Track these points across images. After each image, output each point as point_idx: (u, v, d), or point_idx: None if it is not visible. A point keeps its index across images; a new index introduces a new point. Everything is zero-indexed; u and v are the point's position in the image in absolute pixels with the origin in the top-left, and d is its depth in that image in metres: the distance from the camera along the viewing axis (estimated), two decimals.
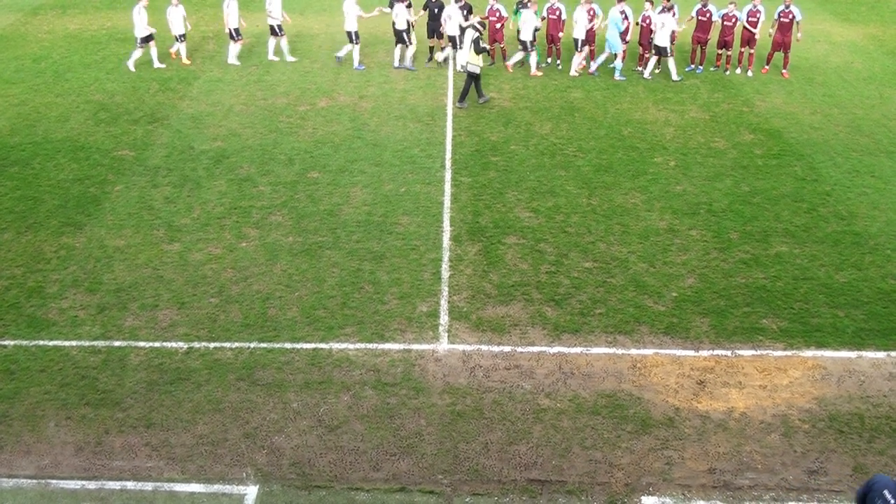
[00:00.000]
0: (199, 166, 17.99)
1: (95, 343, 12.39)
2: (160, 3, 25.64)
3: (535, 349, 12.41)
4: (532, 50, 23.48)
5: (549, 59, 24.41)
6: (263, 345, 12.41)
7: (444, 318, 13.04)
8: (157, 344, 12.41)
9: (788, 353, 12.41)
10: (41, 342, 12.44)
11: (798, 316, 13.22)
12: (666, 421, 11.05)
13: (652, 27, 23.01)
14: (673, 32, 22.76)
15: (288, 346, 12.40)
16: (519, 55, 23.77)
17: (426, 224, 15.77)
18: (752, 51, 23.72)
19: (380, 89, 22.44)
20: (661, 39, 22.73)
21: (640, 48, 23.81)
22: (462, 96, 21.21)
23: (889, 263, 14.65)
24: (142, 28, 23.30)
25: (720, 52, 23.97)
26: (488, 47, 20.94)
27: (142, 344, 12.40)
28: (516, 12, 23.97)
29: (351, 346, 12.38)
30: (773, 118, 20.88)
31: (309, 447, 10.56)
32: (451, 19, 23.11)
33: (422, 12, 24.14)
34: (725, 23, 23.25)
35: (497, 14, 23.51)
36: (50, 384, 11.58)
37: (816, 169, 18.20)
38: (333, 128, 19.97)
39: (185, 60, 24.29)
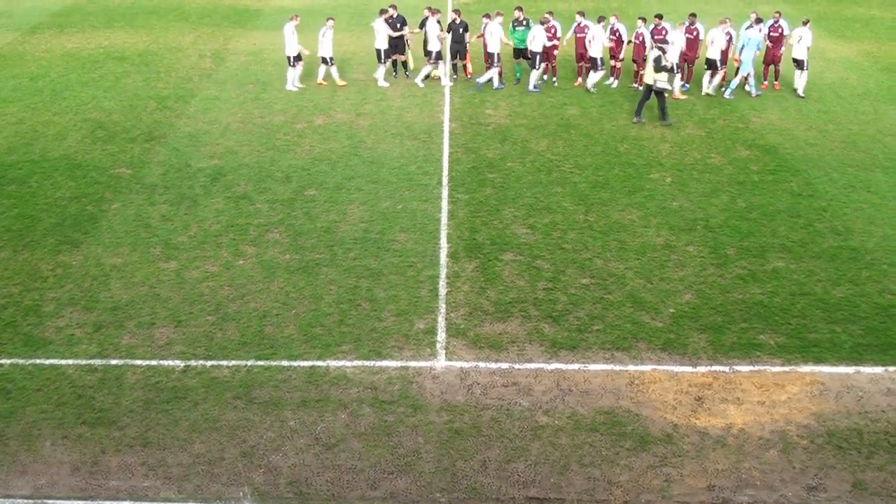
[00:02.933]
0: (195, 184, 18.00)
1: (92, 362, 12.36)
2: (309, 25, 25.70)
3: (533, 366, 12.39)
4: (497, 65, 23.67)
5: (546, 77, 24.49)
6: (260, 363, 12.38)
7: (441, 335, 13.03)
8: (153, 362, 12.37)
9: (786, 368, 12.40)
10: (38, 361, 12.40)
11: (795, 331, 13.22)
12: (664, 438, 11.02)
13: (623, 39, 23.21)
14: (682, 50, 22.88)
15: (285, 363, 12.37)
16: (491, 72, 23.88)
17: (423, 241, 15.78)
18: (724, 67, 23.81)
19: (377, 107, 22.51)
20: (674, 56, 22.79)
21: (635, 65, 23.90)
22: (662, 115, 21.40)
23: (886, 278, 14.66)
24: (293, 47, 23.36)
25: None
26: (669, 65, 21.08)
27: (138, 362, 12.37)
28: (513, 31, 24.07)
29: (348, 364, 12.35)
30: (768, 134, 20.96)
31: (306, 466, 10.52)
32: (493, 35, 23.30)
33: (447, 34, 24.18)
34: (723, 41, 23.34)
35: (553, 31, 23.45)
36: (46, 403, 11.54)
37: (812, 184, 18.25)
38: (330, 145, 20.01)
39: (339, 82, 24.19)
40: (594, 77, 23.58)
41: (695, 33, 23.26)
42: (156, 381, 11.96)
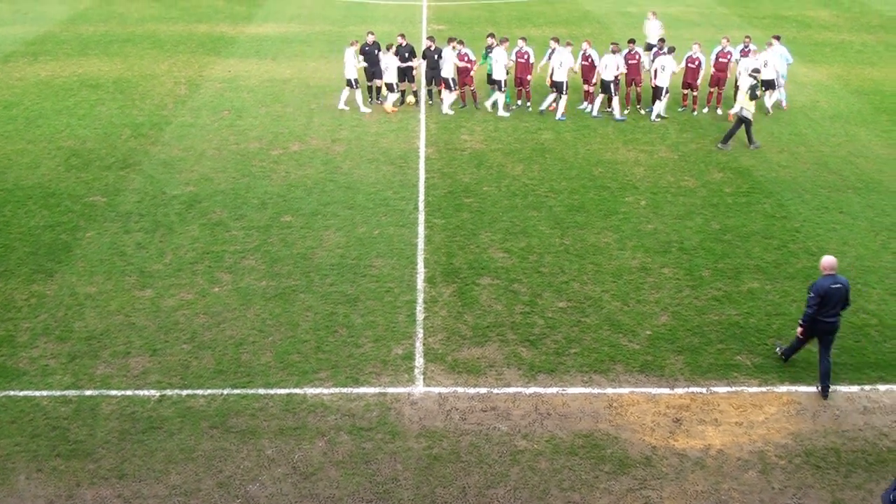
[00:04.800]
0: (171, 211, 17.91)
1: (66, 392, 12.21)
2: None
3: (512, 390, 12.38)
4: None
5: (519, 102, 24.66)
6: (237, 391, 12.28)
7: (419, 361, 13.00)
8: (128, 392, 12.24)
9: (763, 389, 12.48)
10: (11, 392, 12.23)
11: (771, 351, 13.30)
12: (643, 460, 11.03)
13: (595, 65, 23.42)
14: (672, 73, 23.12)
15: (262, 391, 12.28)
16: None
17: (400, 266, 15.77)
18: (720, 90, 24.16)
19: (352, 133, 22.55)
20: (662, 80, 23.05)
21: (585, 85, 24.12)
22: (726, 138, 21.60)
23: (860, 298, 14.81)
24: (351, 69, 23.51)
25: (685, 92, 24.35)
26: (758, 94, 21.50)
27: (113, 392, 12.23)
28: (485, 56, 24.25)
29: (325, 391, 12.28)
30: (741, 157, 21.19)
31: (284, 495, 10.42)
32: (498, 61, 23.45)
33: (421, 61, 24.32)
34: (689, 65, 23.64)
35: (526, 56, 23.63)
36: (20, 436, 11.37)
37: (785, 206, 18.46)
38: (306, 171, 20.00)
39: (391, 108, 24.19)
40: (550, 99, 23.82)
41: (637, 57, 23.58)
42: (131, 412, 11.83)
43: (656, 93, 23.43)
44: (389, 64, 23.52)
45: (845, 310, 12.42)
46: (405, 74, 24.14)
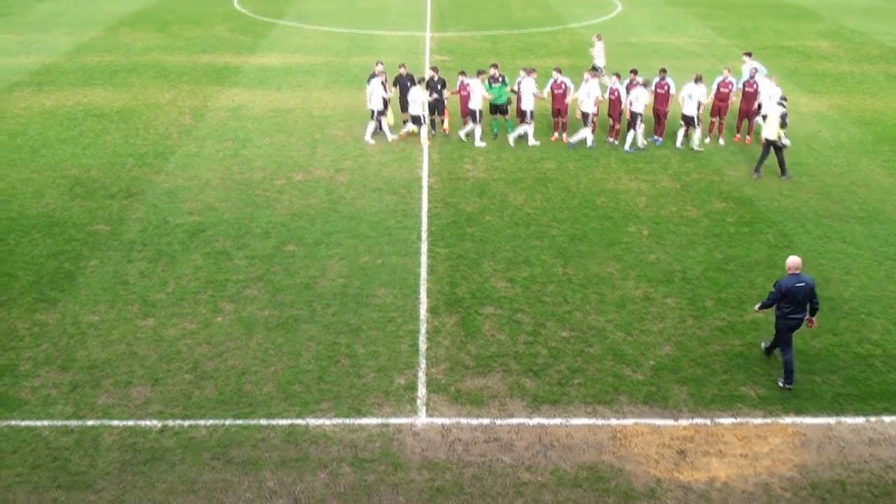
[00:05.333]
0: (174, 240, 17.94)
1: (68, 422, 12.16)
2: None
3: (515, 421, 12.32)
4: (424, 123, 23.87)
5: (556, 133, 24.68)
6: (238, 422, 12.23)
7: (421, 391, 12.95)
8: (130, 422, 12.19)
9: (768, 420, 12.40)
10: (13, 422, 12.18)
11: (776, 383, 13.24)
12: (648, 493, 10.94)
13: (621, 99, 23.49)
14: (699, 103, 23.20)
15: (263, 422, 12.23)
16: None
17: (403, 296, 15.76)
18: (722, 120, 24.27)
19: (356, 162, 22.63)
20: (689, 109, 23.16)
21: (611, 119, 24.21)
22: (758, 166, 21.80)
23: (864, 328, 14.78)
24: (378, 101, 23.63)
25: (714, 120, 24.46)
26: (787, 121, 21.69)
27: (115, 423, 12.18)
28: (489, 87, 24.37)
29: (328, 422, 12.23)
30: (743, 186, 21.24)
31: None
32: (526, 91, 23.61)
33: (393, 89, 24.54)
34: (722, 89, 23.80)
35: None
36: (21, 466, 11.32)
37: (788, 236, 18.46)
38: (310, 201, 20.06)
39: (390, 136, 24.34)
40: (582, 133, 23.93)
41: (665, 88, 23.65)
42: (132, 442, 11.77)
43: (633, 119, 23.52)
44: (417, 97, 23.53)
45: (816, 310, 13.16)
46: (435, 107, 24.29)
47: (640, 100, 23.04)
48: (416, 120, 23.82)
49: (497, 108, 24.29)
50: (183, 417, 12.31)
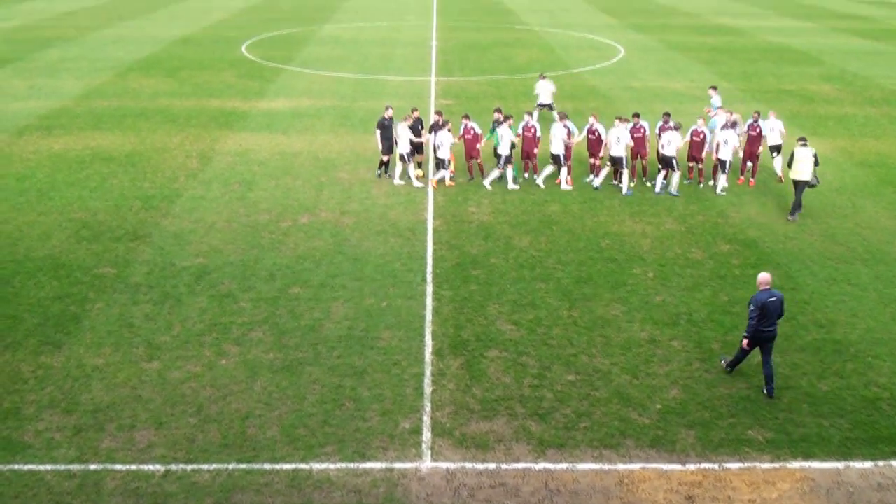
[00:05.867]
0: (180, 283, 17.98)
1: (71, 467, 12.08)
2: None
3: (521, 466, 12.22)
4: (509, 165, 23.95)
5: (526, 175, 24.89)
6: (242, 466, 12.14)
7: (426, 435, 12.86)
8: (133, 467, 12.11)
9: (776, 465, 12.28)
10: (16, 466, 12.11)
11: (783, 426, 13.15)
12: None
13: (602, 138, 23.70)
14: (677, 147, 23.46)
15: (267, 466, 12.14)
16: (496, 172, 24.19)
17: (408, 338, 15.73)
18: (700, 165, 24.41)
19: (361, 205, 22.75)
20: (669, 151, 23.36)
21: (591, 158, 24.37)
22: (792, 209, 22.09)
23: (871, 371, 14.70)
24: (405, 144, 23.82)
25: (691, 165, 24.59)
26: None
27: (118, 467, 12.10)
28: (492, 130, 24.58)
29: (332, 466, 12.13)
30: (748, 228, 21.28)
31: None
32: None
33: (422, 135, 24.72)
34: (694, 138, 23.93)
35: (532, 131, 24.07)
36: None
37: (794, 278, 18.45)
38: (315, 243, 20.13)
39: (416, 182, 24.45)
40: (547, 172, 24.12)
41: (641, 131, 23.85)
42: (135, 487, 11.69)
43: (613, 162, 23.73)
44: (445, 141, 23.69)
45: (780, 319, 14.03)
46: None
47: (672, 143, 23.19)
48: (442, 164, 23.96)
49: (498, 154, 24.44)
50: (186, 462, 12.23)
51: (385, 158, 24.74)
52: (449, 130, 23.98)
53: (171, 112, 33.30)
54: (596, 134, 23.96)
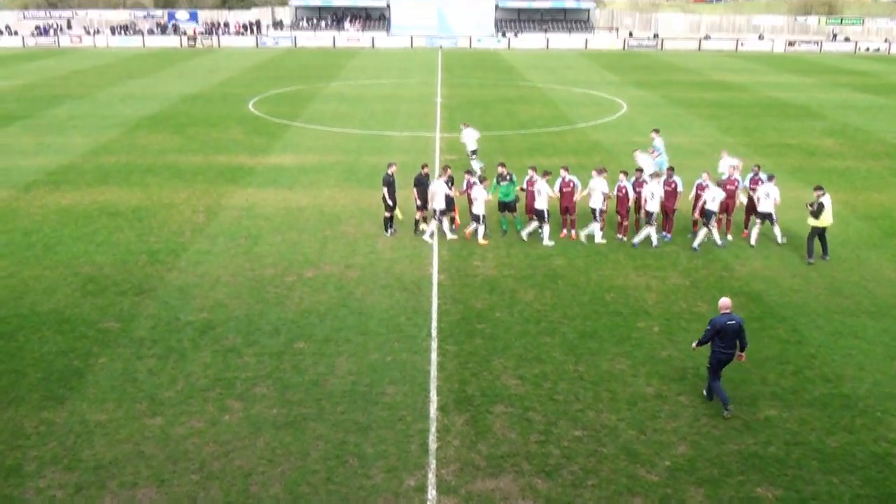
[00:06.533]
0: (184, 337, 17.95)
1: None
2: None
3: None
4: (485, 221, 24.08)
5: (536, 227, 24.97)
6: None
7: (431, 493, 12.71)
8: None
9: None
10: None
11: (792, 483, 12.97)
12: None
13: (629, 196, 23.82)
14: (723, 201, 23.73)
15: None
16: (474, 225, 24.24)
17: (412, 393, 15.63)
18: (729, 217, 24.47)
19: (366, 259, 22.80)
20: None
21: (619, 217, 24.44)
22: (824, 251, 22.94)
23: (880, 426, 14.54)
24: (440, 200, 23.91)
25: (696, 218, 24.64)
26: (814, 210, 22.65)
27: None
28: (495, 186, 24.74)
29: None
30: (753, 282, 21.25)
31: None
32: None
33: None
34: (699, 192, 24.04)
35: (534, 183, 24.17)
36: None
37: (799, 331, 18.36)
38: (320, 297, 20.13)
39: (481, 240, 24.30)
40: (530, 227, 24.30)
41: (673, 185, 23.96)
42: None
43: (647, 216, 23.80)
44: (479, 195, 23.82)
45: (744, 346, 15.03)
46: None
47: (655, 196, 23.35)
48: (477, 219, 24.04)
49: (506, 206, 24.60)
50: None
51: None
52: (485, 187, 24.05)
53: (179, 168, 33.60)
54: (624, 191, 24.00)
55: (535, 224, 24.32)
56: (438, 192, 23.97)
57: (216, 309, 19.46)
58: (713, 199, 23.41)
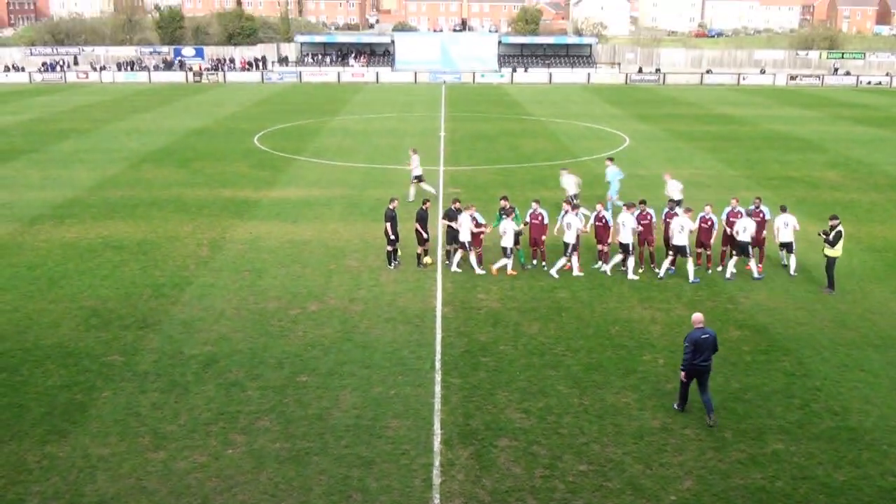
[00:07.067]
0: (187, 371, 17.92)
1: None
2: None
3: None
4: (512, 254, 24.08)
5: (535, 262, 25.00)
6: None
7: None
8: None
9: None
10: None
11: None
12: None
13: (609, 225, 23.98)
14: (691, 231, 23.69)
15: None
16: (504, 261, 24.29)
17: (416, 427, 15.55)
18: (734, 250, 24.47)
19: (370, 292, 22.80)
20: (680, 240, 23.46)
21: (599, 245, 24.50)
22: (831, 283, 22.98)
23: (887, 460, 14.42)
24: (466, 232, 23.97)
25: (699, 251, 24.67)
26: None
27: None
28: (499, 219, 24.80)
29: None
30: (757, 314, 21.20)
31: None
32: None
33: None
34: (702, 225, 24.10)
35: (540, 218, 24.27)
36: None
37: (805, 364, 18.28)
38: (324, 331, 20.11)
39: (510, 270, 24.40)
40: (616, 259, 24.32)
41: (648, 218, 24.06)
42: None
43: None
44: (508, 228, 23.86)
45: (714, 354, 15.86)
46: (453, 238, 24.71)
47: (627, 226, 23.47)
48: (505, 252, 24.05)
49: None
50: None
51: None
52: (513, 219, 24.11)
53: (183, 201, 33.75)
54: (603, 221, 24.17)
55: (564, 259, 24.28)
56: (465, 224, 24.01)
57: (220, 342, 19.44)
58: (624, 225, 23.63)
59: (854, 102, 75.83)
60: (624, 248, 23.83)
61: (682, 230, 23.38)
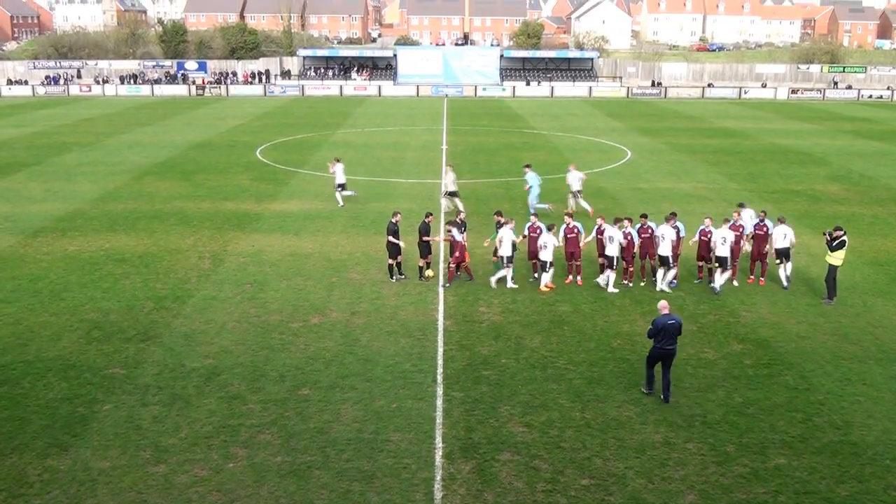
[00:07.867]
0: (189, 384, 17.90)
1: None
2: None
3: None
4: (510, 265, 24.08)
5: (536, 275, 24.98)
6: None
7: None
8: None
9: None
10: None
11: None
12: None
13: (634, 242, 23.89)
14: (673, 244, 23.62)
15: None
16: (503, 272, 24.28)
17: (418, 441, 15.52)
18: (735, 262, 24.45)
19: (372, 305, 22.79)
20: (664, 250, 23.46)
21: (624, 263, 24.45)
22: (829, 294, 23.11)
23: (889, 474, 14.36)
24: (508, 247, 23.84)
25: (701, 264, 24.66)
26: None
27: None
28: (496, 231, 24.82)
29: None
30: (760, 328, 21.16)
31: None
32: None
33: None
34: (702, 238, 24.11)
35: (575, 231, 24.28)
36: None
37: (807, 378, 18.24)
38: (325, 344, 20.09)
39: (549, 285, 24.23)
40: (545, 277, 24.19)
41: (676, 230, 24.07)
42: None
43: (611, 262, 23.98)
44: (548, 242, 23.84)
45: (679, 336, 16.86)
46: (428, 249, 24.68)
47: (614, 241, 23.44)
48: (544, 266, 24.02)
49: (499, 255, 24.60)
50: None
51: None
52: (555, 234, 24.08)
53: (185, 214, 33.79)
54: (605, 234, 24.18)
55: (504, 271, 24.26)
56: (506, 239, 23.93)
57: (221, 355, 19.42)
58: (611, 240, 23.61)
59: (855, 116, 75.95)
60: (609, 262, 23.83)
61: (612, 241, 23.41)
